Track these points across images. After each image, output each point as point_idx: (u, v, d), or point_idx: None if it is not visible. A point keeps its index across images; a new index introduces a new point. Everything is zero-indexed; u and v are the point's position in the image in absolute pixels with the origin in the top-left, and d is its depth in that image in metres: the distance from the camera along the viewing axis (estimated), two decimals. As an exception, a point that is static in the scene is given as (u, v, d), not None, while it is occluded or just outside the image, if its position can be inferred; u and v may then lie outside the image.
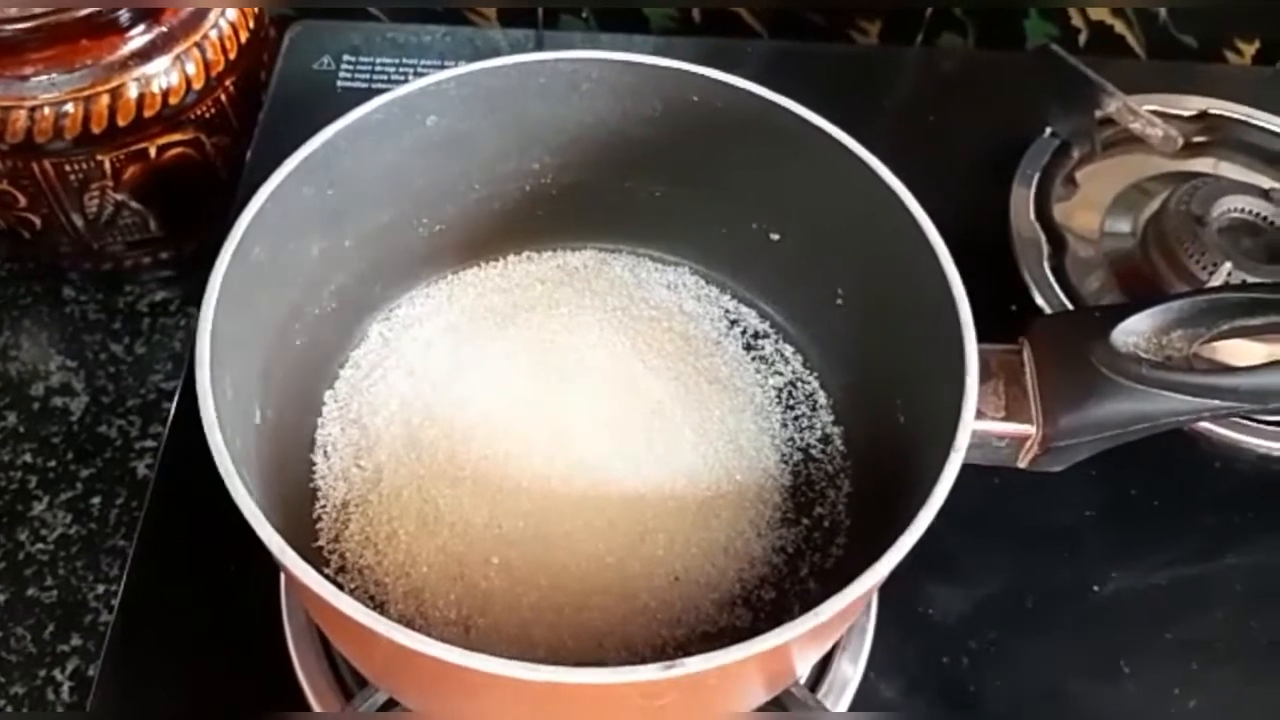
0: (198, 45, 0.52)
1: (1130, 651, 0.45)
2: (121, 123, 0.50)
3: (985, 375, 0.35)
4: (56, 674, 0.47)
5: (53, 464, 0.54)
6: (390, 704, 0.40)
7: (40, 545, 0.51)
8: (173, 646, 0.44)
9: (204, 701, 0.43)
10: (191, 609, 0.45)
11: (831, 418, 0.46)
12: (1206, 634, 0.46)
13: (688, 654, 0.29)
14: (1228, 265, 0.52)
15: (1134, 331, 0.36)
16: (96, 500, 0.52)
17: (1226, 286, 0.49)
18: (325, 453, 0.43)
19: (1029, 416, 0.36)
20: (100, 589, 0.50)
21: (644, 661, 0.29)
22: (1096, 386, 0.35)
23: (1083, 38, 0.71)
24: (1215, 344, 0.38)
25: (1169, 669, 0.45)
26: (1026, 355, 0.37)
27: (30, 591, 0.50)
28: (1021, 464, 0.37)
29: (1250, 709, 0.45)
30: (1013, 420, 0.36)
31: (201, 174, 0.56)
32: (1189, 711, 0.44)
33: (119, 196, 0.54)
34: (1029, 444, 0.36)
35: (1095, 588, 0.47)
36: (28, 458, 0.54)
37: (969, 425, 0.33)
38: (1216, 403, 0.35)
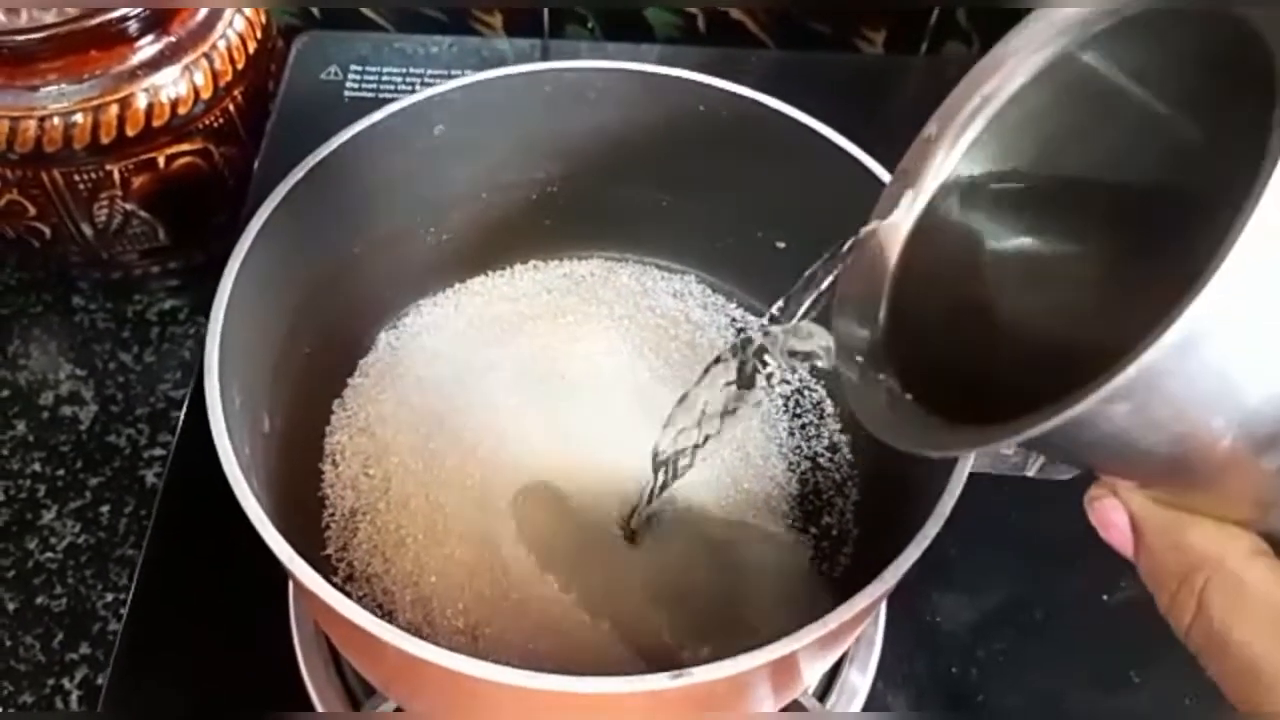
0: (206, 55, 0.52)
1: (1140, 662, 0.45)
2: (130, 132, 0.51)
3: (993, 383, 0.35)
4: (65, 682, 0.47)
5: (62, 473, 0.54)
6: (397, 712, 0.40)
7: (49, 554, 0.51)
8: (181, 655, 0.44)
9: (212, 710, 0.43)
10: (200, 617, 0.45)
11: (839, 426, 0.46)
12: (1217, 643, 0.46)
13: (695, 663, 0.29)
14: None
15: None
16: (105, 509, 0.53)
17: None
18: (334, 461, 0.43)
19: (1037, 424, 0.35)
20: (109, 598, 0.50)
21: (652, 671, 0.29)
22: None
23: (1088, 46, 0.71)
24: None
25: (1180, 679, 0.45)
26: (1034, 361, 0.37)
27: (39, 600, 0.50)
28: (1030, 472, 0.37)
29: (1261, 719, 0.45)
30: (1021, 428, 0.36)
31: (210, 183, 0.56)
32: (1200, 721, 0.44)
33: (128, 206, 0.54)
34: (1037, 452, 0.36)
35: (1105, 597, 0.47)
36: (37, 467, 0.54)
37: (976, 434, 0.33)
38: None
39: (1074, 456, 0.24)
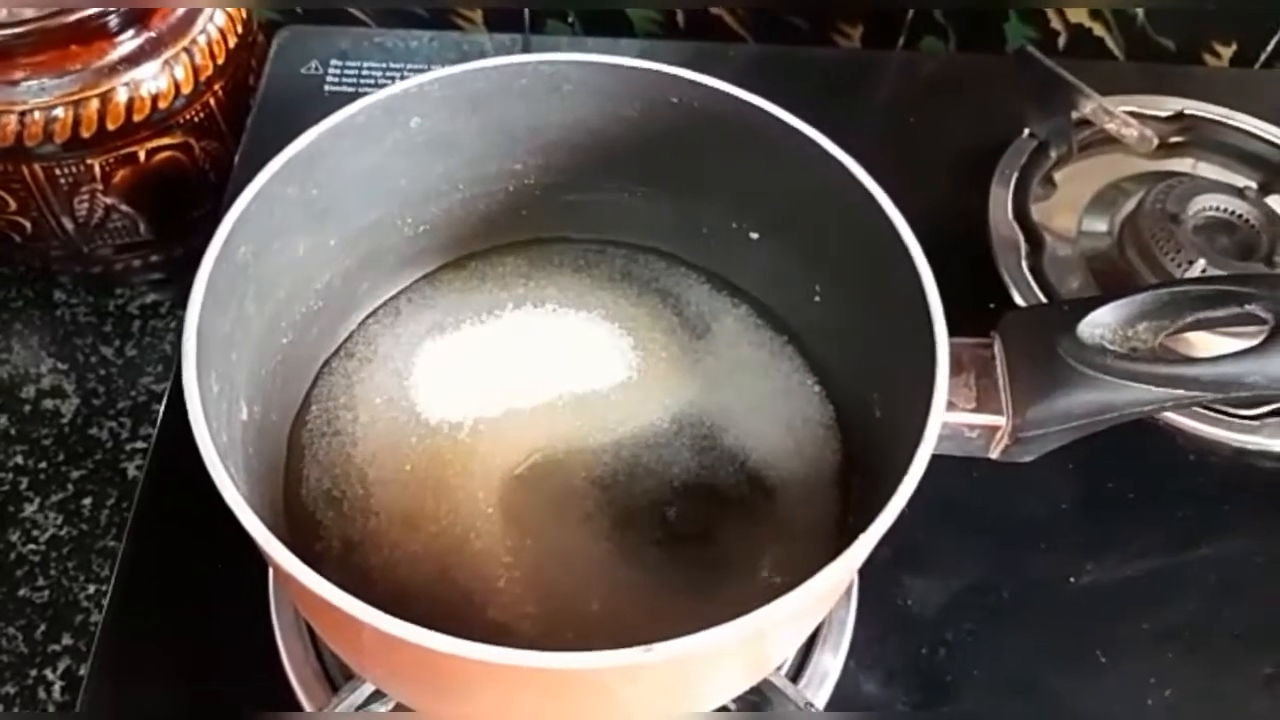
0: (186, 50, 0.53)
1: (1106, 642, 0.46)
2: (111, 127, 0.51)
3: (957, 368, 0.36)
4: (48, 673, 0.48)
5: (44, 465, 0.54)
6: (375, 696, 0.41)
7: (31, 546, 0.51)
8: (162, 645, 0.45)
9: (193, 699, 0.44)
10: (181, 608, 0.45)
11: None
12: (1182, 624, 0.47)
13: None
14: (1202, 262, 0.53)
15: (1100, 324, 0.37)
16: (87, 501, 0.53)
17: (1192, 279, 0.50)
18: (312, 450, 0.44)
19: (999, 408, 0.36)
20: (91, 589, 0.50)
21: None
22: (1063, 378, 0.36)
23: (1062, 41, 0.72)
24: (1182, 336, 0.39)
25: (1145, 659, 0.46)
26: (997, 348, 0.37)
27: (22, 592, 0.50)
28: (993, 454, 0.38)
29: (1225, 698, 0.46)
30: (983, 411, 0.36)
31: (190, 178, 0.56)
32: (1165, 701, 0.45)
33: (109, 200, 0.54)
34: (999, 434, 0.37)
35: (1071, 579, 0.47)
36: (19, 459, 0.54)
37: (939, 416, 0.34)
38: (1180, 392, 0.35)
39: None
